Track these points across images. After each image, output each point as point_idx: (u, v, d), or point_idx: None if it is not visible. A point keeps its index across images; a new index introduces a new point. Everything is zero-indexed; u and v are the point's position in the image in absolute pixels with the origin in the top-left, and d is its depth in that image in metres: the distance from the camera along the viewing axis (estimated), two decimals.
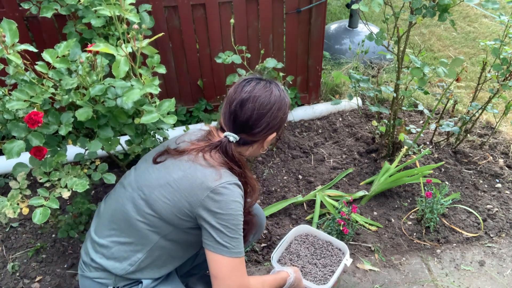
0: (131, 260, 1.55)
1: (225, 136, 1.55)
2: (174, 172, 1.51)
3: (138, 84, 1.66)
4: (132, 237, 1.54)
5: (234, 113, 1.53)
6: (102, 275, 1.57)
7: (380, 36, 2.38)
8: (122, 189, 1.61)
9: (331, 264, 2.03)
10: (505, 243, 2.39)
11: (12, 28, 1.57)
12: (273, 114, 1.54)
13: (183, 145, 1.59)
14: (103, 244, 1.57)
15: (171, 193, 1.48)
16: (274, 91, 1.55)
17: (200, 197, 1.45)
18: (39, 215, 1.60)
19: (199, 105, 3.19)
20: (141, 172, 1.59)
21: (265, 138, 1.59)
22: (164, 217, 1.50)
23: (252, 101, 1.51)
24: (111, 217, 1.59)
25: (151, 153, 1.66)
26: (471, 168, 2.90)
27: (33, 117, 1.55)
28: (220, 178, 1.47)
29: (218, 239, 1.45)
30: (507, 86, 2.52)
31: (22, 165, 1.81)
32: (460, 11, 5.25)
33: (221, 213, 1.45)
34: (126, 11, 1.79)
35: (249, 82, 1.57)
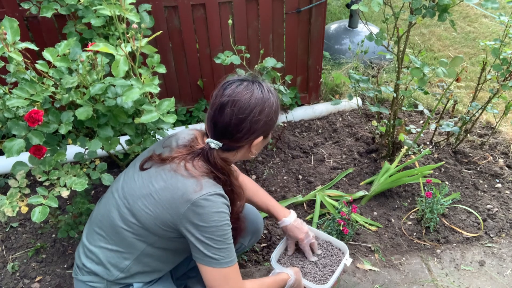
0: (119, 267, 1.56)
1: (207, 143, 1.50)
2: (156, 182, 1.48)
3: (138, 84, 1.67)
4: (119, 245, 1.54)
5: (213, 118, 1.47)
6: (93, 279, 1.58)
7: (380, 36, 2.38)
8: (111, 195, 1.60)
9: (331, 264, 2.03)
10: (505, 243, 2.39)
11: (13, 26, 1.58)
12: (254, 118, 1.45)
13: (167, 151, 1.56)
14: (92, 250, 1.58)
15: (153, 205, 1.46)
16: (255, 93, 1.46)
17: (181, 210, 1.42)
18: (38, 214, 1.60)
19: (199, 105, 3.19)
20: (128, 179, 1.57)
21: (250, 143, 1.52)
22: (148, 228, 1.49)
23: (231, 105, 1.43)
24: (99, 223, 1.59)
25: (140, 158, 1.64)
26: (471, 168, 2.90)
27: (33, 115, 1.55)
28: (200, 190, 1.42)
29: (206, 252, 1.44)
30: (507, 86, 2.52)
31: (22, 164, 1.81)
32: (460, 11, 5.25)
33: (204, 225, 1.42)
34: (126, 10, 1.80)
35: (230, 85, 1.48)
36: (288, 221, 1.93)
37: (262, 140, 1.54)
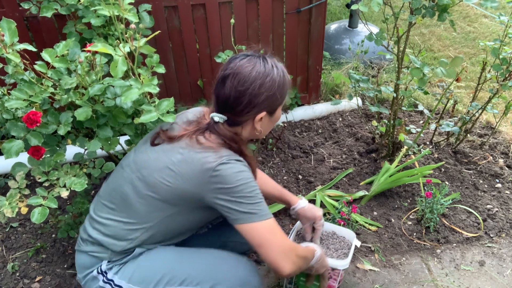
0: (129, 238, 1.54)
1: (211, 117, 1.51)
2: (172, 155, 1.47)
3: (137, 84, 1.66)
4: (131, 217, 1.53)
5: (215, 91, 1.49)
6: (97, 249, 1.57)
7: (380, 36, 2.37)
8: (121, 170, 1.61)
9: (341, 248, 2.04)
10: (505, 243, 2.38)
11: (11, 28, 1.58)
12: (253, 91, 1.44)
13: (176, 128, 1.58)
14: (100, 221, 1.57)
15: (172, 176, 1.45)
16: (256, 66, 1.46)
17: (204, 180, 1.42)
18: (38, 215, 1.60)
19: (199, 105, 3.18)
20: (140, 153, 1.58)
21: (252, 118, 1.50)
22: (166, 199, 1.48)
23: (231, 77, 1.44)
24: (109, 196, 1.59)
25: (150, 135, 1.65)
26: (471, 168, 2.90)
27: (31, 116, 1.55)
28: (218, 157, 1.43)
29: (242, 209, 1.43)
30: (507, 86, 2.51)
31: (21, 164, 1.81)
32: (460, 11, 5.25)
33: (231, 186, 1.42)
34: (125, 11, 1.80)
35: (235, 59, 1.49)
36: (304, 203, 1.96)
37: (266, 116, 1.52)
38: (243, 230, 1.46)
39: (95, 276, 1.59)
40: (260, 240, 1.45)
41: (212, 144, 1.46)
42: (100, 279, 1.58)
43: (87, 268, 1.60)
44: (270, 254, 1.45)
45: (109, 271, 1.57)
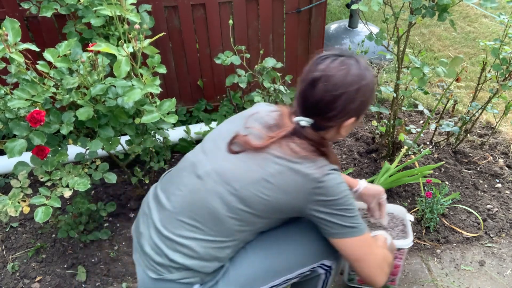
0: (220, 257, 1.43)
1: (297, 121, 1.40)
2: (268, 166, 1.36)
3: (139, 84, 1.67)
4: (220, 235, 1.40)
5: (304, 94, 1.37)
6: (187, 274, 1.41)
7: (380, 36, 2.38)
8: (198, 181, 1.43)
9: (395, 225, 2.04)
10: (505, 243, 2.39)
11: (14, 27, 1.58)
12: (350, 96, 1.34)
13: (255, 132, 1.44)
14: (183, 243, 1.40)
15: (270, 189, 1.35)
16: (352, 69, 1.34)
17: (305, 191, 1.35)
18: (41, 214, 1.60)
19: (199, 105, 3.19)
20: (221, 161, 1.43)
21: (341, 124, 1.41)
22: (260, 213, 1.39)
23: (324, 80, 1.33)
24: (189, 212, 1.41)
25: (215, 141, 1.51)
26: (471, 168, 2.91)
27: (35, 115, 1.56)
28: (320, 168, 1.35)
29: (343, 223, 1.38)
30: (507, 86, 2.52)
31: (23, 164, 1.81)
32: (460, 11, 5.25)
33: (334, 198, 1.36)
34: (127, 11, 1.80)
35: (324, 59, 1.37)
36: (364, 183, 1.90)
37: (354, 121, 1.42)
38: (340, 244, 1.43)
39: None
40: (358, 255, 1.43)
41: (306, 152, 1.37)
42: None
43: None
44: (367, 269, 1.45)
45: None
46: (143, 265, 1.47)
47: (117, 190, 2.73)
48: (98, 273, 2.28)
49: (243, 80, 2.51)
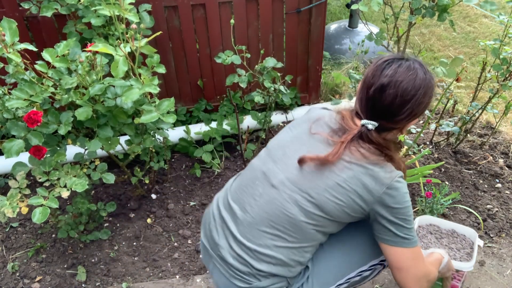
0: (302, 261, 1.50)
1: (363, 124, 1.43)
2: (340, 172, 1.41)
3: (137, 84, 1.67)
4: (301, 240, 1.46)
5: (372, 99, 1.42)
6: (274, 280, 1.48)
7: (380, 36, 2.38)
8: (273, 190, 1.47)
9: (463, 247, 2.04)
10: (505, 243, 2.39)
11: (12, 27, 1.58)
12: (418, 100, 1.40)
13: (321, 140, 1.48)
14: (265, 253, 1.45)
15: (343, 194, 1.40)
16: (419, 74, 1.40)
17: (376, 194, 1.40)
18: (39, 215, 1.60)
19: (199, 105, 3.19)
20: (292, 170, 1.47)
21: (406, 125, 1.47)
22: (334, 217, 1.44)
23: (393, 86, 1.38)
24: (269, 222, 1.46)
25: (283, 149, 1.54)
26: (471, 168, 2.90)
27: (32, 116, 1.55)
28: (390, 173, 1.41)
29: (398, 232, 1.43)
30: (507, 86, 2.51)
31: (22, 164, 1.81)
32: (460, 11, 5.25)
33: (399, 207, 1.41)
34: (125, 11, 1.80)
35: (389, 64, 1.42)
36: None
37: (415, 121, 1.50)
38: (389, 251, 1.48)
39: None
40: (402, 265, 1.47)
41: (375, 157, 1.42)
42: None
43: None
44: (404, 279, 1.49)
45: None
46: (227, 275, 1.51)
47: (117, 190, 2.73)
48: (98, 273, 2.28)
49: (243, 79, 2.51)
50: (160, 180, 2.83)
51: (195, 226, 2.53)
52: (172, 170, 2.92)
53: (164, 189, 2.77)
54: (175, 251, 2.39)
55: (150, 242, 2.44)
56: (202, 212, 2.61)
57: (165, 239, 2.46)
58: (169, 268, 2.30)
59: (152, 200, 2.69)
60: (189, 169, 2.93)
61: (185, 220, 2.57)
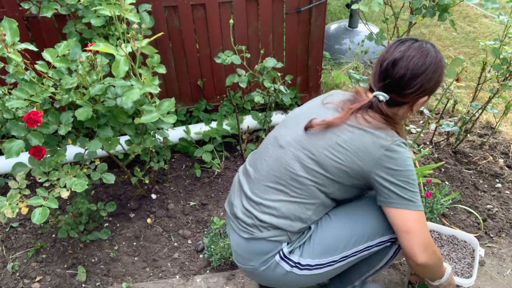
0: (302, 218, 1.57)
1: (374, 95, 1.52)
2: (341, 133, 1.50)
3: (138, 84, 1.67)
4: (302, 196, 1.56)
5: (385, 72, 1.51)
6: (275, 233, 1.58)
7: (380, 36, 2.38)
8: (280, 149, 1.61)
9: (463, 257, 2.03)
10: (505, 243, 2.39)
11: (12, 27, 1.58)
12: (427, 75, 1.48)
13: (331, 108, 1.59)
14: (270, 205, 1.57)
15: (342, 153, 1.49)
16: (431, 52, 1.50)
17: (375, 156, 1.46)
18: (38, 215, 1.60)
19: (199, 105, 3.19)
20: (299, 132, 1.59)
21: (415, 101, 1.54)
22: (333, 176, 1.52)
23: (405, 60, 1.47)
24: (272, 177, 1.59)
25: (296, 117, 1.66)
26: (471, 168, 2.90)
27: (32, 116, 1.55)
28: (391, 137, 1.48)
29: (403, 194, 1.47)
30: (507, 86, 2.51)
31: (21, 164, 1.81)
32: (460, 11, 5.25)
33: (400, 169, 1.47)
34: (126, 11, 1.80)
35: (403, 42, 1.52)
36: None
37: (425, 99, 1.56)
38: (394, 214, 1.51)
39: (277, 262, 1.60)
40: (408, 227, 1.50)
41: (379, 123, 1.49)
42: (284, 264, 1.60)
43: (266, 253, 1.60)
44: (412, 242, 1.50)
45: (292, 255, 1.59)
46: (236, 229, 1.66)
47: (117, 190, 2.73)
48: (98, 273, 2.28)
49: (243, 79, 2.51)
50: (160, 180, 2.83)
51: (195, 226, 2.53)
52: (172, 170, 2.92)
53: (164, 189, 2.77)
54: (175, 251, 2.39)
55: (150, 242, 2.44)
56: (202, 212, 2.61)
57: (165, 239, 2.46)
58: (169, 268, 2.30)
59: (152, 200, 2.69)
60: (189, 169, 2.93)
61: (185, 220, 2.57)
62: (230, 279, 2.22)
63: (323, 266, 1.61)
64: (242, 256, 1.67)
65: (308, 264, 1.60)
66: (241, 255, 1.67)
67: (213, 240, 2.32)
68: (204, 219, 2.56)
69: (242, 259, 1.68)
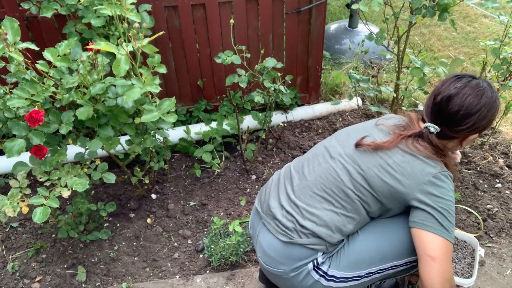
0: (343, 231, 1.58)
1: (426, 126, 1.56)
2: (392, 155, 1.54)
3: (139, 83, 1.67)
4: (347, 209, 1.57)
5: (439, 106, 1.54)
6: (314, 241, 1.58)
7: (380, 36, 2.38)
8: (331, 160, 1.64)
9: (464, 257, 2.03)
10: (505, 243, 2.39)
11: (14, 26, 1.58)
12: (481, 115, 1.51)
13: (383, 131, 1.63)
14: (313, 212, 1.58)
15: (390, 173, 1.52)
16: (486, 92, 1.52)
17: (421, 180, 1.49)
18: (39, 214, 1.60)
19: (199, 105, 3.19)
20: (351, 146, 1.62)
21: (466, 137, 1.57)
22: (377, 194, 1.54)
23: (461, 97, 1.50)
24: (320, 185, 1.61)
25: (348, 132, 1.71)
26: (471, 168, 2.90)
27: (34, 115, 1.55)
28: (440, 167, 1.51)
29: (441, 221, 1.48)
30: (507, 86, 2.52)
31: (22, 164, 1.81)
32: (460, 11, 5.25)
33: (443, 197, 1.48)
34: (127, 10, 1.80)
35: (460, 79, 1.55)
36: None
37: (476, 136, 1.59)
38: (426, 237, 1.49)
39: (309, 271, 1.60)
40: (436, 254, 1.48)
41: (429, 153, 1.52)
42: (314, 273, 1.60)
43: (300, 260, 1.60)
44: (435, 271, 1.48)
45: (322, 265, 1.60)
46: (273, 231, 1.64)
47: (117, 190, 2.73)
48: (98, 273, 2.28)
49: (243, 79, 2.51)
50: (160, 180, 2.83)
51: (195, 226, 2.53)
52: (172, 170, 2.92)
53: (164, 189, 2.76)
54: (175, 251, 2.39)
55: (150, 242, 2.44)
56: (202, 212, 2.61)
57: (165, 239, 2.46)
58: (169, 268, 2.30)
59: (152, 200, 2.69)
60: (189, 169, 2.93)
61: (185, 220, 2.57)
62: (230, 279, 2.22)
63: (348, 280, 1.62)
64: (273, 258, 1.65)
65: (334, 275, 1.60)
66: (272, 257, 1.65)
67: (213, 240, 2.32)
68: (204, 219, 2.56)
69: (272, 261, 1.66)
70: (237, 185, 2.80)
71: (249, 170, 2.90)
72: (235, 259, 2.27)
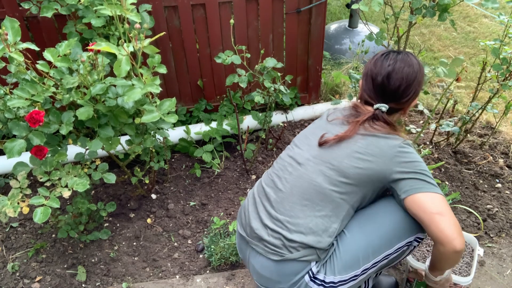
0: (329, 231, 1.59)
1: (377, 108, 1.64)
2: (356, 142, 1.59)
3: (139, 84, 1.67)
4: (327, 209, 1.59)
5: (381, 85, 1.64)
6: (305, 252, 1.58)
7: (380, 36, 2.38)
8: (301, 167, 1.66)
9: (462, 256, 2.04)
10: (505, 243, 2.39)
11: (14, 27, 1.58)
12: (418, 81, 1.65)
13: (338, 123, 1.69)
14: (298, 222, 1.58)
15: (361, 159, 1.57)
16: (413, 60, 1.66)
17: (391, 154, 1.55)
18: (40, 214, 1.60)
19: (199, 105, 3.19)
20: (315, 148, 1.67)
21: (409, 105, 1.70)
22: (356, 182, 1.58)
23: (397, 72, 1.62)
24: (299, 193, 1.62)
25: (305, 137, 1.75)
26: (471, 168, 2.90)
27: (34, 116, 1.55)
28: (398, 139, 1.59)
29: (428, 180, 1.54)
30: (507, 86, 2.52)
31: (23, 164, 1.81)
32: (460, 11, 5.25)
33: (416, 161, 1.57)
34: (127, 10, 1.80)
35: (387, 55, 1.67)
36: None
37: (415, 101, 1.72)
38: (424, 198, 1.53)
39: (307, 283, 1.60)
40: (441, 209, 1.51)
41: (386, 130, 1.61)
42: (312, 284, 1.60)
43: (296, 274, 1.60)
44: (449, 224, 1.49)
45: (318, 274, 1.60)
46: (263, 252, 1.63)
47: (117, 190, 2.73)
48: (98, 273, 2.28)
49: (243, 79, 2.51)
50: (160, 180, 2.83)
51: (195, 226, 2.53)
52: (172, 170, 2.92)
53: (164, 189, 2.77)
54: (175, 251, 2.39)
55: (150, 242, 2.44)
56: (202, 212, 2.61)
57: (165, 239, 2.46)
58: (169, 268, 2.30)
59: (152, 200, 2.69)
60: (189, 169, 2.93)
61: (185, 220, 2.57)
62: (230, 279, 2.22)
63: (346, 282, 1.61)
64: (269, 279, 1.64)
65: (332, 281, 1.60)
66: (267, 278, 1.65)
67: (213, 240, 2.33)
68: (204, 219, 2.56)
69: (268, 282, 1.66)
70: (237, 185, 2.80)
71: (249, 170, 2.90)
72: (235, 259, 2.27)
